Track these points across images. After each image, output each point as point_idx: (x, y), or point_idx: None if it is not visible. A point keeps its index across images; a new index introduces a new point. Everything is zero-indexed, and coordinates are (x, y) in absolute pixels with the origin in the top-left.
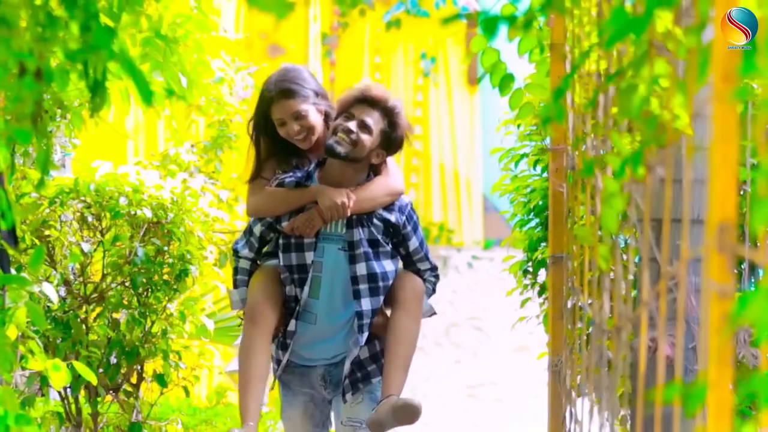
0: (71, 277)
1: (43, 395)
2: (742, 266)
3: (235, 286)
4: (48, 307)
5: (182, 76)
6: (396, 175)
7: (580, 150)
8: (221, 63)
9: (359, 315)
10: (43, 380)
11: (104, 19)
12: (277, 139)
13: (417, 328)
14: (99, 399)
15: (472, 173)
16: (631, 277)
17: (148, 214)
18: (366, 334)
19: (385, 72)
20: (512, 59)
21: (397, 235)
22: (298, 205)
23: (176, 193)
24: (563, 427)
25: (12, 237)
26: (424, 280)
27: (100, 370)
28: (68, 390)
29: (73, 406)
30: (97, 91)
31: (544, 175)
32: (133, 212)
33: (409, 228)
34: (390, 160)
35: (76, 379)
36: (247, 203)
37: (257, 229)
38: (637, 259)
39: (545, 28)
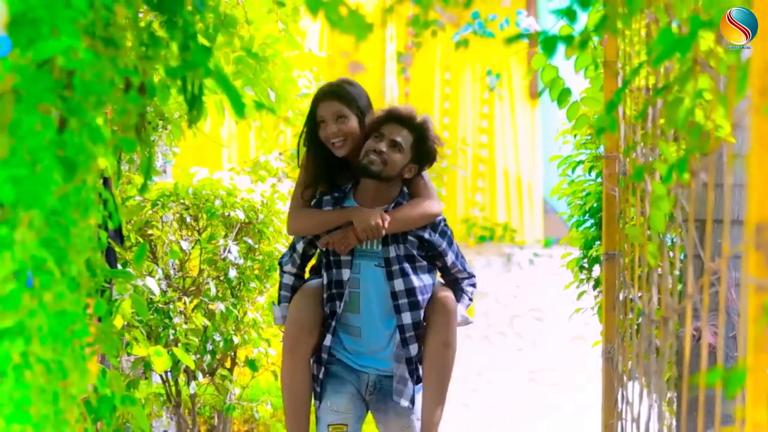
0: (171, 272)
1: (146, 378)
2: None
3: (279, 302)
4: (151, 299)
5: (271, 91)
6: (432, 197)
7: (630, 157)
8: (306, 80)
9: (401, 329)
10: (147, 365)
11: (201, 40)
12: (321, 156)
13: (450, 351)
14: (196, 382)
15: (533, 178)
16: (677, 272)
17: (241, 215)
18: (412, 347)
19: (454, 87)
20: (569, 75)
21: (433, 250)
22: (335, 226)
23: (266, 197)
24: (615, 409)
25: (119, 236)
26: (462, 290)
27: (198, 355)
28: (169, 374)
29: (173, 389)
30: (195, 104)
31: (599, 180)
32: (227, 213)
33: (444, 245)
34: (428, 181)
35: (176, 364)
36: (287, 223)
37: (299, 246)
38: (682, 256)
39: (599, 47)
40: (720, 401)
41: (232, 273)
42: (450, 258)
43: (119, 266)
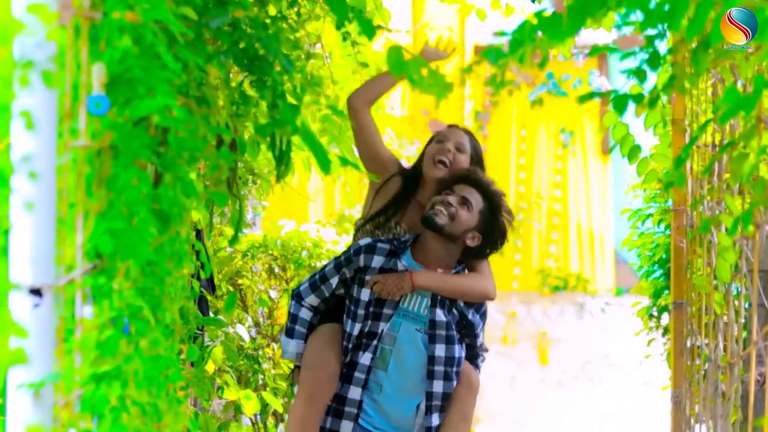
0: (260, 319)
1: (236, 421)
2: None
3: (290, 334)
4: (241, 345)
5: (355, 148)
6: (491, 279)
7: (697, 210)
8: (387, 137)
9: (429, 395)
10: (237, 408)
11: (289, 99)
12: (410, 187)
13: (467, 425)
14: (284, 424)
15: (604, 230)
16: (742, 320)
17: None
18: (434, 417)
19: (530, 144)
20: (639, 132)
21: (468, 330)
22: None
23: None
24: None
25: (210, 285)
26: (477, 366)
27: (285, 399)
28: (258, 417)
29: (262, 431)
30: (283, 160)
31: (667, 232)
32: (313, 264)
33: (479, 328)
34: (487, 265)
35: (265, 407)
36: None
37: (333, 280)
38: (746, 305)
39: (668, 105)
40: None
41: None
42: (479, 340)
43: (211, 314)
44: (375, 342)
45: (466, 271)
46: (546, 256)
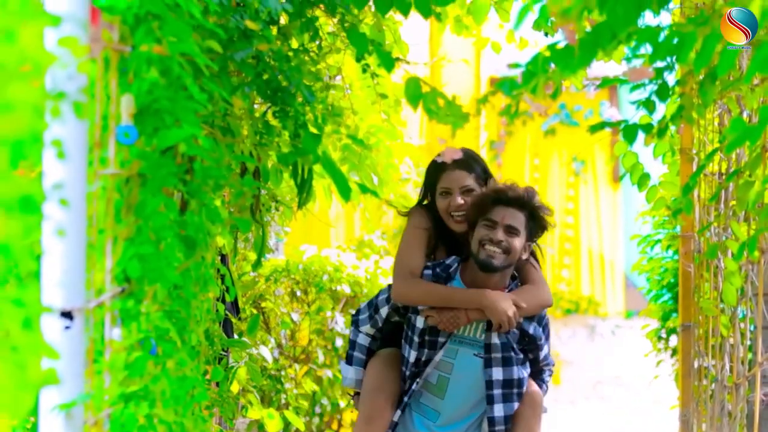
0: (283, 341)
1: None
2: None
3: (349, 361)
4: (264, 366)
5: (374, 176)
6: (545, 285)
7: (705, 236)
8: (406, 165)
9: (491, 421)
10: (261, 427)
11: (311, 128)
12: (438, 227)
13: None
14: None
15: (615, 255)
16: (747, 342)
17: (347, 289)
18: None
19: (543, 172)
20: (648, 161)
21: (531, 345)
22: (456, 306)
23: (369, 272)
24: None
25: (235, 308)
26: (543, 381)
27: (307, 418)
28: None
29: None
30: (305, 187)
31: (675, 257)
32: (334, 288)
33: (543, 339)
34: (537, 266)
35: (287, 426)
36: (394, 286)
37: (384, 311)
38: (752, 328)
39: (676, 135)
40: None
41: (339, 342)
42: (544, 352)
43: (235, 336)
44: (426, 369)
45: (519, 283)
46: (558, 280)
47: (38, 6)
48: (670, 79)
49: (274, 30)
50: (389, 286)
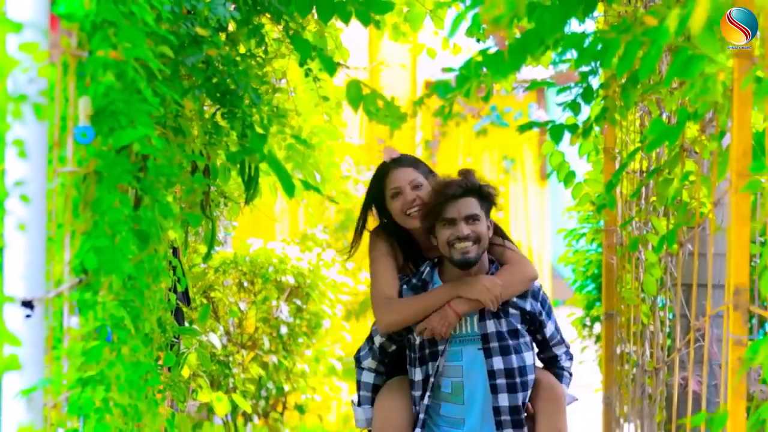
0: (231, 329)
1: (209, 421)
2: (753, 321)
3: (360, 403)
4: (213, 352)
5: (317, 174)
6: (524, 258)
7: (627, 230)
8: (347, 164)
9: (496, 411)
10: (210, 409)
11: (257, 129)
12: (397, 235)
13: None
14: (252, 423)
15: (542, 248)
16: (666, 329)
17: (291, 280)
18: None
19: (475, 170)
20: (574, 159)
21: (534, 323)
22: (440, 306)
23: (312, 264)
24: None
25: (186, 298)
26: (561, 368)
27: (253, 400)
28: (229, 416)
29: (232, 429)
30: (251, 184)
31: (599, 249)
32: (279, 279)
33: (544, 315)
34: (510, 245)
35: (235, 408)
36: (377, 318)
37: (377, 340)
38: (671, 316)
39: (600, 135)
40: None
41: (284, 330)
42: (549, 329)
43: (186, 324)
44: (431, 379)
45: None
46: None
47: (0, 13)
48: (594, 82)
49: (223, 36)
50: None
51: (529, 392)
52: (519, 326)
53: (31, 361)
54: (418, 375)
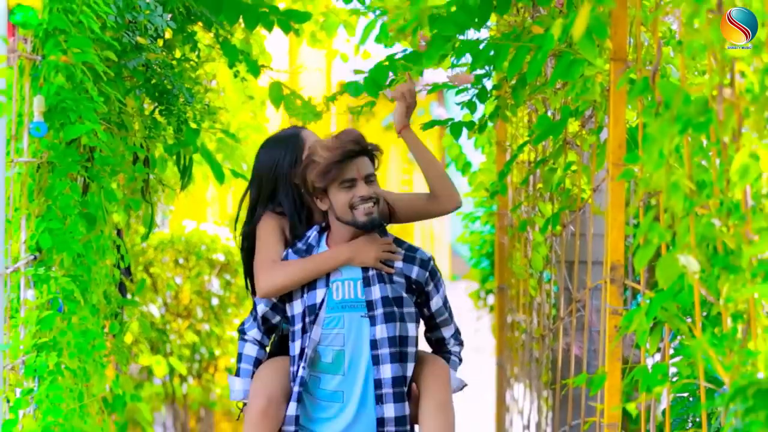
0: (168, 300)
1: (149, 381)
2: (627, 293)
3: (237, 374)
4: (152, 321)
5: (244, 164)
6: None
7: (517, 213)
8: None
9: (377, 383)
10: (149, 371)
11: (191, 124)
12: (298, 201)
13: (450, 412)
14: (188, 384)
15: (442, 229)
16: (551, 300)
17: (221, 257)
18: (387, 408)
19: (384, 160)
20: (470, 151)
21: (420, 294)
22: (324, 274)
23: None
24: (505, 404)
25: (128, 273)
26: (448, 352)
27: (188, 363)
28: (167, 378)
29: (170, 389)
30: (186, 173)
31: (492, 230)
32: (211, 256)
33: (431, 285)
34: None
35: (172, 371)
36: (257, 281)
37: (260, 309)
38: (555, 288)
39: (493, 130)
40: (584, 398)
41: (215, 301)
42: (437, 302)
43: (129, 296)
44: (307, 350)
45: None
46: None
47: None
48: (488, 84)
49: (161, 43)
50: None
51: (413, 366)
52: (404, 294)
53: None
54: (296, 348)
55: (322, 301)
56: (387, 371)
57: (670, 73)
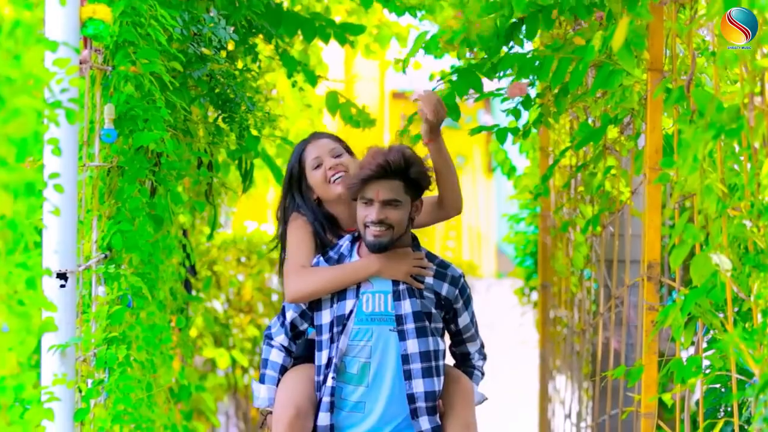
0: (231, 296)
1: (212, 373)
2: (663, 290)
3: (262, 380)
4: (216, 316)
5: None
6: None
7: (559, 215)
8: None
9: (411, 398)
10: (213, 363)
11: (252, 131)
12: (317, 212)
13: None
14: (249, 375)
15: (489, 230)
16: (591, 297)
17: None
18: (423, 421)
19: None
20: (515, 156)
21: (449, 310)
22: (353, 284)
23: None
24: (547, 395)
25: (193, 271)
26: (472, 367)
27: (250, 356)
28: (229, 369)
29: (232, 380)
30: (247, 176)
31: (536, 231)
32: (271, 255)
33: (461, 302)
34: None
35: (234, 363)
36: (286, 285)
37: (289, 315)
38: (595, 286)
39: (536, 136)
40: (622, 389)
41: (275, 297)
42: (464, 319)
43: (194, 293)
44: (335, 360)
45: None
46: (444, 248)
47: (40, 34)
48: (532, 92)
49: (224, 54)
50: None
51: (442, 379)
52: (434, 310)
53: (64, 323)
54: (323, 358)
55: (351, 311)
56: (420, 386)
57: (703, 82)
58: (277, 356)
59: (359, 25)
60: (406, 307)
